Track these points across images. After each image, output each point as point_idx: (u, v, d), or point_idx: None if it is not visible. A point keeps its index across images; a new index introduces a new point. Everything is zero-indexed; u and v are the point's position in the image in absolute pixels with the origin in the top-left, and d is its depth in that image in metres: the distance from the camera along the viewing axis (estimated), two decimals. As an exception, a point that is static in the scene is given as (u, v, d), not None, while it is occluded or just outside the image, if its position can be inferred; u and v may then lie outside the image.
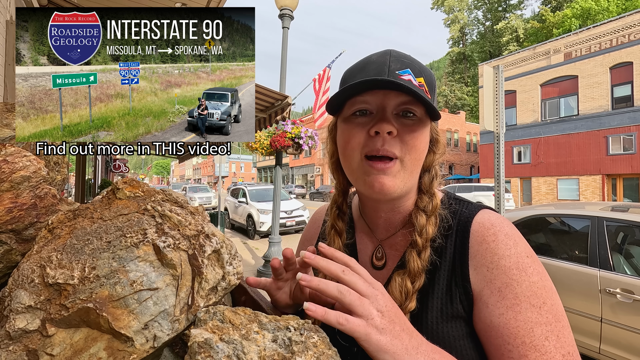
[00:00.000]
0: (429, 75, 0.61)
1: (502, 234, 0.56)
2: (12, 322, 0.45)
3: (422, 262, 0.59)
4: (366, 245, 0.72)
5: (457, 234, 0.60)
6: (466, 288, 0.56)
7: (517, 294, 0.51)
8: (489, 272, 0.54)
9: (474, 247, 0.57)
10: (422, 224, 0.61)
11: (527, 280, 0.52)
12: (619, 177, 17.00)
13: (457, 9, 43.98)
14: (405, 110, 0.59)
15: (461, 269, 0.57)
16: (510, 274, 0.53)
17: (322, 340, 0.44)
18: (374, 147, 0.58)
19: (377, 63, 0.59)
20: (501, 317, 0.51)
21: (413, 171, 0.61)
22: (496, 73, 3.86)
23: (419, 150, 0.60)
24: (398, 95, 0.58)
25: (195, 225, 0.56)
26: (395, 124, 0.58)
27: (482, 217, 0.60)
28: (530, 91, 19.83)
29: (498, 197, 3.72)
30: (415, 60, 0.61)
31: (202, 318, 0.45)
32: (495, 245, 0.55)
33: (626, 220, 3.00)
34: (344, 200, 0.73)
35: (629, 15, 16.30)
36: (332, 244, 0.69)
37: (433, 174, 0.67)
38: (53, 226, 0.56)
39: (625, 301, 2.69)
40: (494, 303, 0.52)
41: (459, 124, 33.84)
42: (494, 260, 0.54)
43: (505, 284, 0.52)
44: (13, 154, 0.64)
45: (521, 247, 0.55)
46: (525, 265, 0.53)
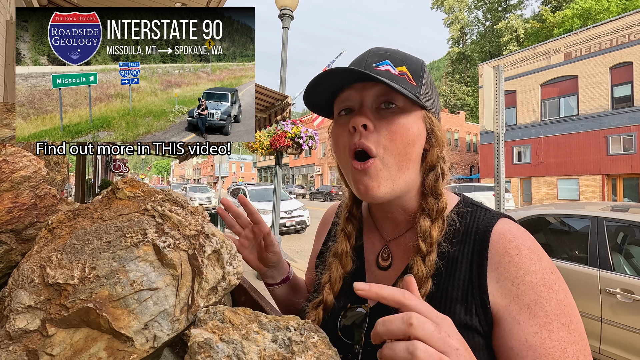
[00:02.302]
0: (414, 63, 0.59)
1: (525, 247, 0.54)
2: (12, 322, 0.45)
3: (427, 267, 0.56)
4: (373, 245, 0.70)
5: (475, 243, 0.57)
6: (484, 300, 0.53)
7: (548, 313, 0.50)
8: (514, 287, 0.52)
9: (494, 259, 0.54)
10: (426, 228, 0.58)
11: (555, 298, 0.51)
12: (619, 177, 17.00)
13: (457, 9, 43.99)
14: (385, 101, 0.57)
15: (479, 280, 0.55)
16: (538, 290, 0.51)
17: (322, 340, 0.44)
18: (352, 142, 0.57)
19: (356, 60, 0.59)
20: (536, 336, 0.49)
21: (400, 167, 0.58)
22: (496, 73, 3.86)
23: (399, 142, 0.57)
24: (374, 86, 0.57)
25: (195, 225, 0.56)
26: (371, 117, 0.56)
27: (503, 228, 0.57)
28: (530, 91, 19.83)
29: (498, 197, 3.72)
30: (399, 52, 0.59)
31: (202, 318, 0.45)
32: (519, 260, 0.53)
33: (626, 220, 3.00)
34: (354, 203, 0.72)
35: (629, 15, 16.30)
36: (339, 246, 0.68)
37: (439, 172, 0.62)
38: (53, 226, 0.56)
39: (625, 301, 2.69)
40: (525, 320, 0.50)
41: (459, 124, 33.83)
42: (519, 275, 0.52)
43: (535, 302, 0.51)
44: (13, 154, 0.64)
45: (545, 263, 0.54)
46: (551, 282, 0.52)
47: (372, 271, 0.68)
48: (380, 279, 0.65)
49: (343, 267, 0.67)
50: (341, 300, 0.66)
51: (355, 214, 0.72)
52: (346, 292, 0.66)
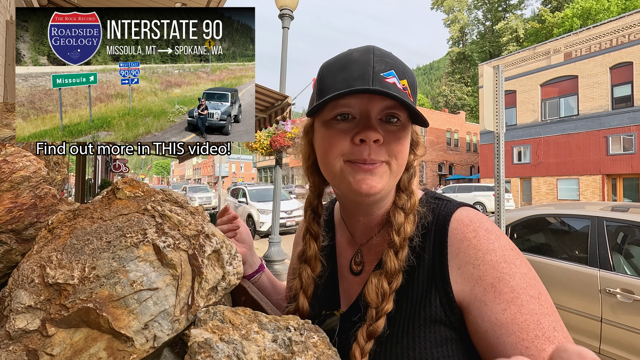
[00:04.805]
0: (411, 77, 0.59)
1: (482, 229, 0.55)
2: (12, 322, 0.45)
3: (400, 262, 0.56)
4: (346, 250, 0.70)
5: (435, 233, 0.58)
6: (447, 291, 0.53)
7: (514, 287, 0.49)
8: (475, 270, 0.52)
9: (454, 246, 0.55)
10: (400, 222, 0.59)
11: (519, 272, 0.50)
12: (619, 177, 16.99)
13: (456, 9, 43.98)
14: (389, 114, 0.57)
15: (441, 271, 0.55)
16: (500, 267, 0.51)
17: (322, 340, 0.44)
18: (360, 156, 0.56)
19: (360, 63, 0.56)
20: (506, 313, 0.48)
21: (398, 174, 0.61)
22: (496, 73, 3.86)
23: (404, 155, 0.60)
24: (383, 99, 0.56)
25: (195, 225, 0.56)
26: (380, 131, 0.56)
27: (461, 215, 0.58)
28: (530, 91, 19.83)
29: (498, 197, 3.72)
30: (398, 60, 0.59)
31: (202, 318, 0.45)
32: (477, 242, 0.53)
33: (626, 220, 2.99)
34: (319, 203, 0.71)
35: (629, 15, 16.30)
36: (308, 249, 0.67)
37: (412, 172, 0.66)
38: (53, 226, 0.56)
39: (625, 301, 2.69)
40: (491, 300, 0.49)
41: (459, 124, 33.82)
42: (478, 256, 0.52)
43: (498, 279, 0.50)
44: (13, 154, 0.64)
45: (504, 241, 0.54)
46: (512, 258, 0.52)
47: (344, 276, 0.68)
48: (352, 284, 0.66)
49: (313, 270, 0.66)
50: (315, 306, 0.66)
51: (320, 213, 0.71)
52: (319, 297, 0.66)
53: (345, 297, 0.65)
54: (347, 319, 0.61)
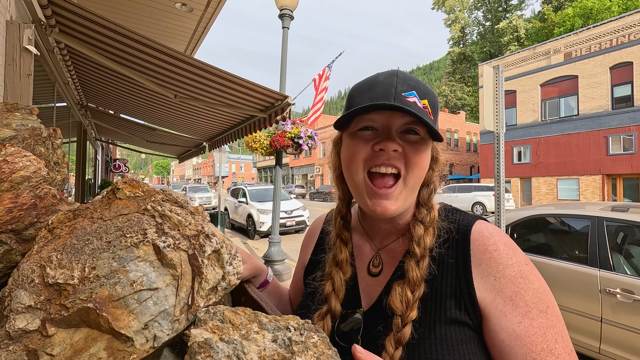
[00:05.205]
0: (433, 97, 0.63)
1: (501, 243, 0.60)
2: (12, 322, 0.45)
3: (421, 271, 0.60)
4: (363, 252, 0.73)
5: (458, 242, 0.62)
6: (471, 295, 0.58)
7: (527, 302, 0.55)
8: (497, 282, 0.57)
9: (476, 256, 0.60)
10: (420, 234, 0.63)
11: (532, 288, 0.56)
12: (619, 177, 16.98)
13: (457, 9, 43.96)
14: (408, 129, 0.62)
15: (465, 276, 0.59)
16: (517, 282, 0.56)
17: (322, 340, 0.44)
18: (378, 160, 0.61)
19: (384, 84, 0.61)
20: (521, 325, 0.53)
21: (414, 188, 0.64)
22: (496, 73, 3.86)
23: (421, 168, 0.63)
24: (403, 116, 0.61)
25: (195, 225, 0.56)
26: (399, 142, 0.61)
27: (480, 227, 0.63)
28: (530, 91, 19.82)
29: (498, 197, 3.71)
30: (420, 82, 0.64)
31: (202, 318, 0.45)
32: (498, 255, 0.58)
33: (626, 220, 2.99)
34: (348, 211, 0.75)
35: (629, 15, 16.29)
36: (339, 254, 0.70)
37: (432, 188, 0.70)
38: (53, 226, 0.56)
39: (625, 301, 2.69)
40: (509, 312, 0.55)
41: (459, 124, 33.82)
42: (499, 269, 0.57)
43: (515, 293, 0.55)
44: (13, 154, 0.64)
45: (520, 256, 0.59)
46: (527, 273, 0.57)
47: (362, 277, 0.71)
48: (371, 285, 0.68)
49: (344, 274, 0.69)
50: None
51: (349, 220, 0.75)
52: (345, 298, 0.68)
53: (365, 297, 0.68)
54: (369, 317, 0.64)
